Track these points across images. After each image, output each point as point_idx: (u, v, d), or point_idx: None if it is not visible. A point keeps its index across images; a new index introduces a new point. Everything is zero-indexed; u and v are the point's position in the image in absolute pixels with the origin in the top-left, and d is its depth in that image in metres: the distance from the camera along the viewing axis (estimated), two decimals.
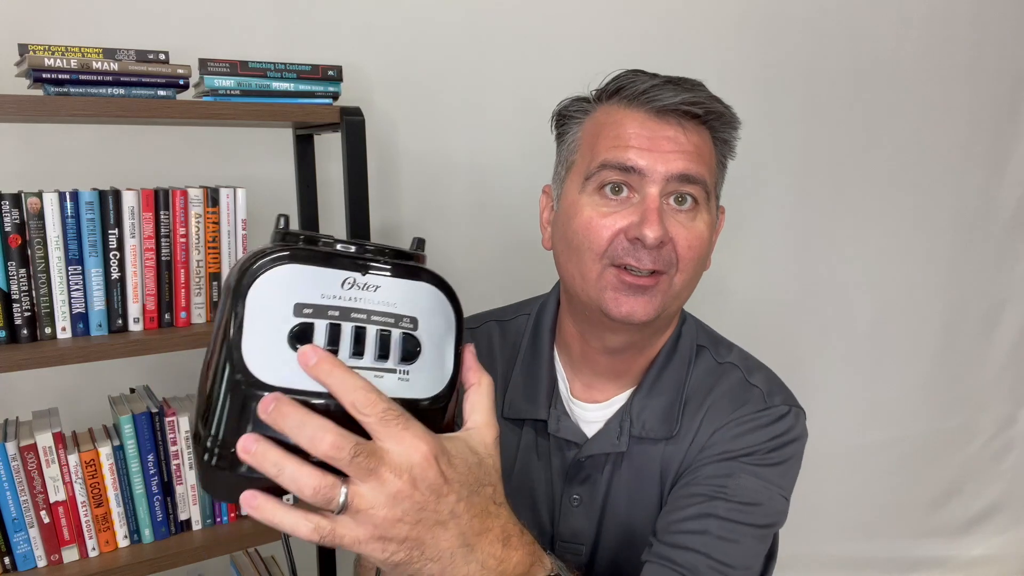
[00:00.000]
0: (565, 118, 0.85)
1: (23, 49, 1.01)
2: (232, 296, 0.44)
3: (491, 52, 1.56)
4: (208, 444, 0.45)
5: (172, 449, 1.14)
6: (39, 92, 1.03)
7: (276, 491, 0.45)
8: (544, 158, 1.65)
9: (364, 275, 0.46)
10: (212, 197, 1.13)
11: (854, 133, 2.03)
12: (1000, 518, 2.52)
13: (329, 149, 1.40)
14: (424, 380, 0.48)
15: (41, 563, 1.07)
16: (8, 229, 1.00)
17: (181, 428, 1.14)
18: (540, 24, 1.59)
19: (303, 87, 1.16)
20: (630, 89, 0.79)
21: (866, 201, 2.09)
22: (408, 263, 0.48)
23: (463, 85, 1.54)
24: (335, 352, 0.44)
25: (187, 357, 1.28)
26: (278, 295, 0.44)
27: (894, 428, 2.31)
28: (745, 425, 0.82)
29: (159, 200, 1.09)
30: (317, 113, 1.17)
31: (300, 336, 0.44)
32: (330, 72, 1.18)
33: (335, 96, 1.20)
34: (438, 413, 0.49)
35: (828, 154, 2.01)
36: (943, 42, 2.09)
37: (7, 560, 1.05)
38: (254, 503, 0.44)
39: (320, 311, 0.44)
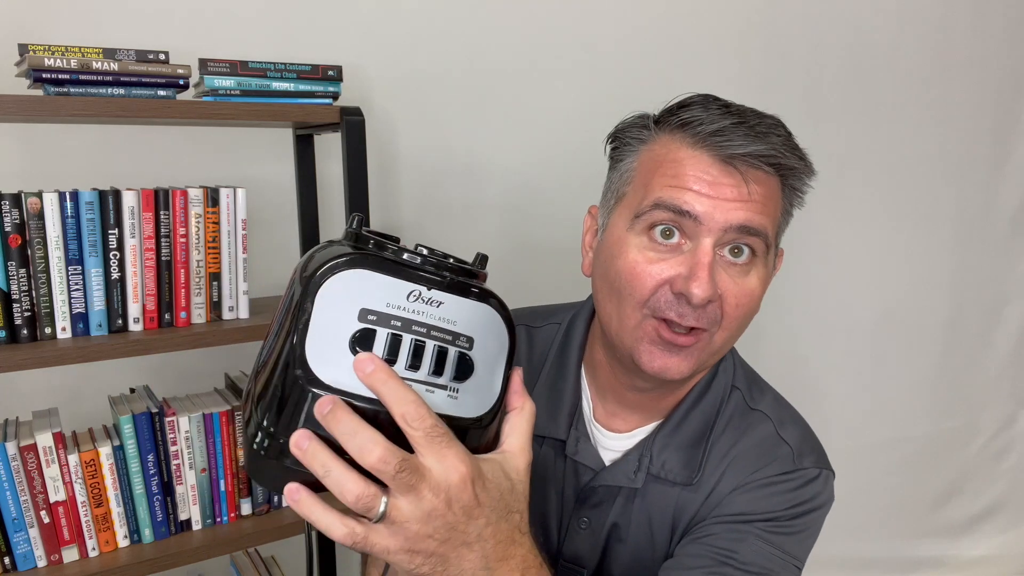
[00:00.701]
0: (620, 142, 0.78)
1: (23, 49, 1.01)
2: (303, 290, 0.45)
3: (491, 52, 1.56)
4: (259, 432, 0.46)
5: (172, 449, 1.14)
6: (39, 92, 1.03)
7: (316, 486, 0.46)
8: (544, 158, 1.65)
9: (430, 290, 0.47)
10: (212, 197, 1.13)
11: (854, 133, 2.03)
12: (1000, 518, 2.52)
13: (329, 149, 1.40)
14: (472, 400, 0.49)
15: (41, 563, 1.07)
16: (8, 229, 1.00)
17: (181, 428, 1.14)
18: (540, 24, 1.59)
19: (303, 87, 1.16)
20: (698, 128, 0.71)
21: (867, 201, 2.09)
22: (473, 282, 0.49)
23: (463, 85, 1.54)
24: (392, 362, 0.46)
25: (187, 357, 1.28)
26: (346, 297, 0.45)
27: (894, 428, 2.31)
28: (768, 488, 0.77)
29: (159, 200, 1.09)
30: (317, 113, 1.17)
31: (361, 341, 0.45)
32: (330, 72, 1.18)
33: (335, 96, 1.20)
34: (480, 433, 0.50)
35: (828, 154, 2.01)
36: (943, 42, 2.09)
37: (7, 560, 1.05)
38: (297, 497, 0.46)
39: (384, 319, 0.46)
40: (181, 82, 1.08)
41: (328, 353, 0.45)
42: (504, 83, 1.58)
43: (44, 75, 1.00)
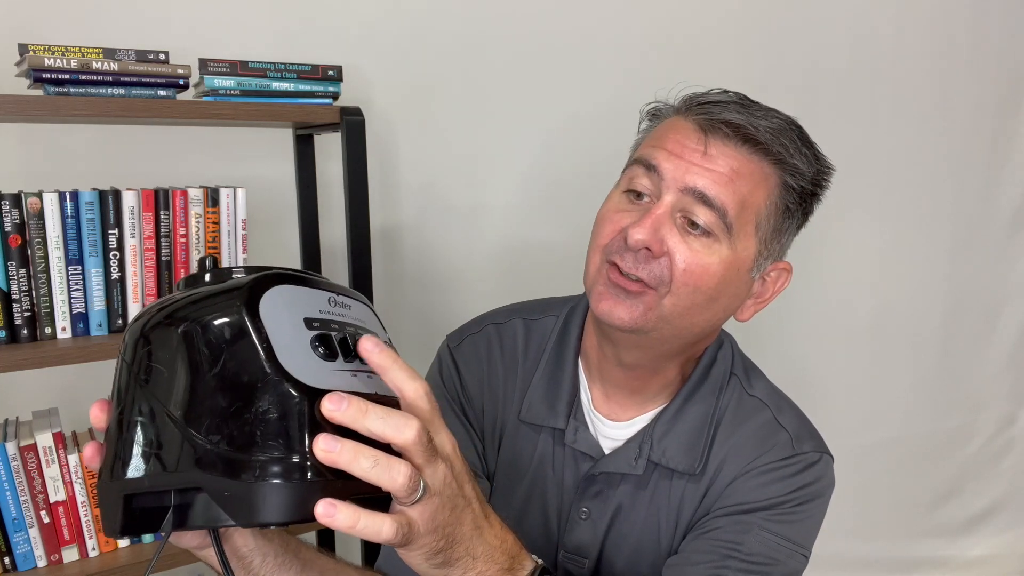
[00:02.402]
0: (651, 116, 0.82)
1: (23, 49, 1.01)
2: (235, 318, 0.44)
3: (491, 52, 1.56)
4: (288, 462, 0.42)
5: None
6: (39, 92, 1.03)
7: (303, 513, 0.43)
8: (544, 157, 1.65)
9: (338, 295, 0.50)
10: (212, 197, 1.13)
11: (854, 133, 2.03)
12: (1000, 518, 2.52)
13: (329, 149, 1.40)
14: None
15: (41, 563, 1.07)
16: (8, 229, 1.00)
17: None
18: (539, 24, 1.59)
19: (303, 87, 1.16)
20: (696, 100, 0.75)
21: (866, 200, 2.09)
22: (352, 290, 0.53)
23: (463, 85, 1.54)
24: (348, 357, 0.47)
25: None
26: (286, 310, 0.45)
27: (894, 428, 2.31)
28: (769, 475, 0.77)
29: (159, 200, 1.09)
30: (317, 113, 1.17)
31: (323, 345, 0.45)
32: (330, 72, 1.18)
33: (335, 96, 1.20)
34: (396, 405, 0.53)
35: (827, 154, 2.01)
36: (943, 42, 2.09)
37: (7, 560, 1.05)
38: (333, 511, 0.41)
39: (325, 324, 0.47)
40: (181, 82, 1.08)
41: (304, 363, 0.44)
42: (504, 83, 1.58)
43: (44, 75, 1.00)
